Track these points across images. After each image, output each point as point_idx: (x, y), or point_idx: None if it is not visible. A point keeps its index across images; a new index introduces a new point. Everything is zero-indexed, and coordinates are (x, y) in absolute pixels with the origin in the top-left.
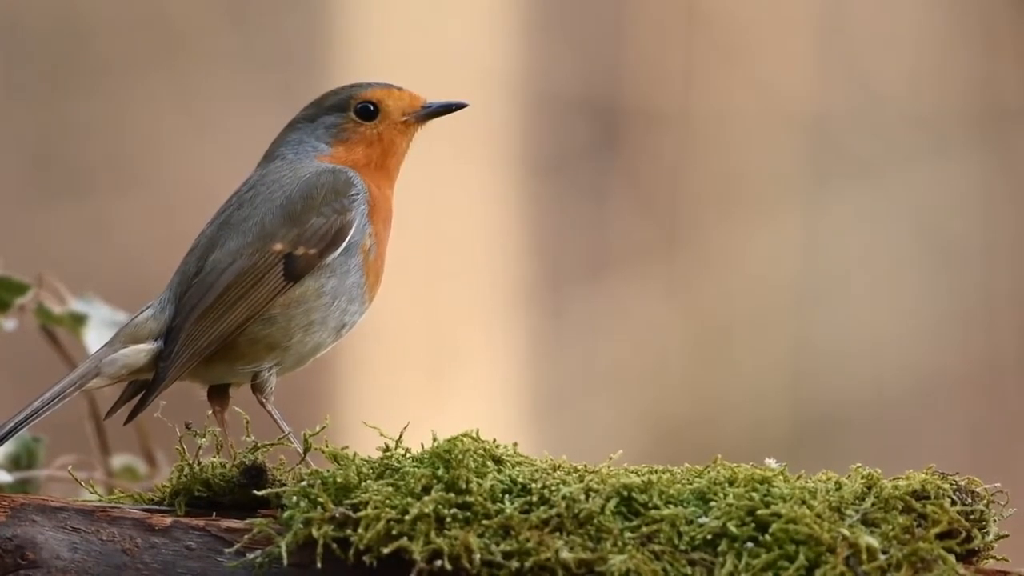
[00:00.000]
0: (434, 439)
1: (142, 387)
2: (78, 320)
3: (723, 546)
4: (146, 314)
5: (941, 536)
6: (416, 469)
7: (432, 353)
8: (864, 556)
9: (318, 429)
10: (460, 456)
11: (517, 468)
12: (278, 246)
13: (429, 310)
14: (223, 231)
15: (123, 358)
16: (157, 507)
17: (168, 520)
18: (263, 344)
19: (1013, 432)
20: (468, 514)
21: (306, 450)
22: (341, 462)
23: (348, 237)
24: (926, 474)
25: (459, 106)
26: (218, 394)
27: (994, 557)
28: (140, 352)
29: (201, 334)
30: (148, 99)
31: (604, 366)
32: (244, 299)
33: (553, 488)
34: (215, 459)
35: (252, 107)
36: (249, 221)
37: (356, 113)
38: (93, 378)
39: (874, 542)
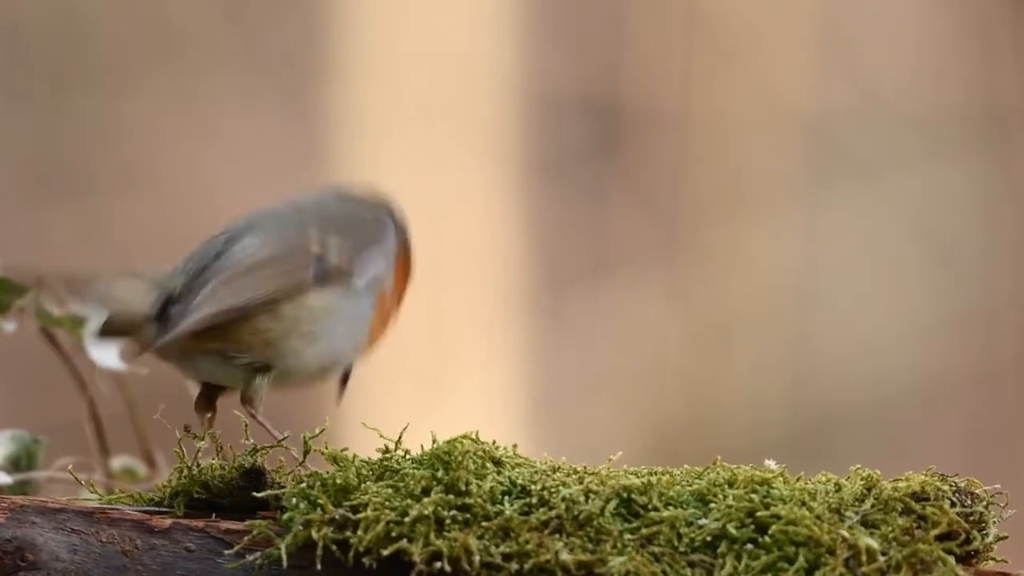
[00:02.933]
0: (433, 441)
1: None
2: (78, 322)
3: (723, 548)
4: (155, 271)
5: (941, 538)
6: (416, 471)
7: (431, 354)
8: (864, 558)
9: (317, 431)
10: (460, 458)
11: (517, 470)
12: (315, 248)
13: (428, 311)
14: (252, 224)
15: (121, 289)
16: (156, 508)
17: (168, 522)
18: (261, 337)
19: (1012, 433)
20: (468, 516)
21: (305, 453)
22: (341, 464)
23: (374, 271)
24: (926, 475)
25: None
26: (205, 403)
27: (993, 559)
28: (137, 289)
29: (225, 295)
30: (148, 99)
31: (603, 367)
32: (270, 281)
33: (553, 490)
34: (214, 461)
35: (252, 108)
36: (285, 221)
37: None
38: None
39: (874, 543)
